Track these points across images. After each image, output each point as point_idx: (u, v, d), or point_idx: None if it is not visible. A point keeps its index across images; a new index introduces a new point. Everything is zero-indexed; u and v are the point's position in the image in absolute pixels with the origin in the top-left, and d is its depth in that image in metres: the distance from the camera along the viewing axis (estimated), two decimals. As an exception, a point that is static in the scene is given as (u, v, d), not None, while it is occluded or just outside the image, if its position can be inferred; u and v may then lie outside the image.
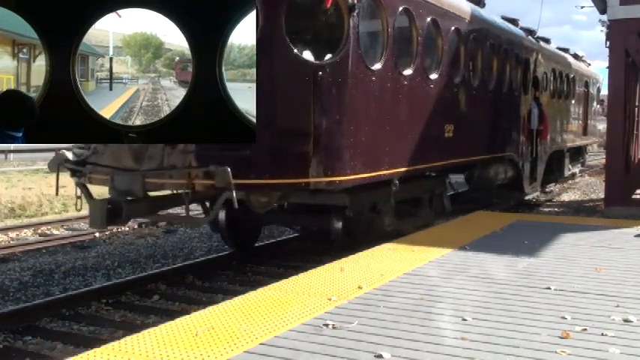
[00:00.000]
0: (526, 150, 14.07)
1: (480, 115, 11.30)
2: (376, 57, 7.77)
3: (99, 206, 6.86)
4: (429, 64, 9.11)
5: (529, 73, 14.18)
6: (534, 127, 14.25)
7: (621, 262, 6.28)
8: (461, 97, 10.29)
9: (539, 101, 14.57)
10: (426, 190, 9.94)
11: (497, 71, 11.98)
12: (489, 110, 11.81)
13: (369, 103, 7.54)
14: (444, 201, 10.51)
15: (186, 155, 6.77)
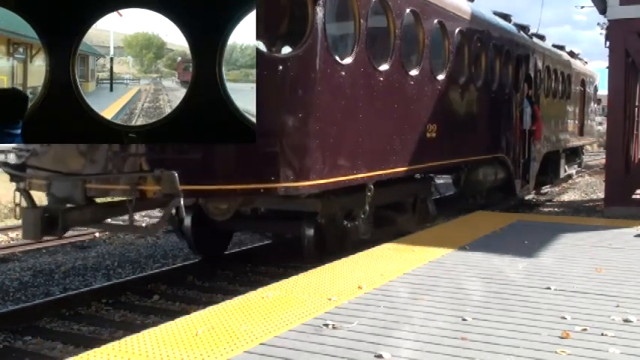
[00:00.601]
0: (518, 151, 13.50)
1: (467, 115, 10.71)
2: (347, 50, 7.22)
3: (32, 215, 6.12)
4: (408, 60, 8.52)
5: (521, 71, 13.60)
6: (527, 127, 13.69)
7: (621, 262, 6.28)
8: (445, 95, 9.66)
9: (532, 100, 14.02)
10: (408, 194, 9.48)
11: (486, 68, 11.37)
12: (477, 109, 11.19)
13: (338, 101, 6.95)
14: (429, 205, 10.04)
15: (135, 158, 6.12)
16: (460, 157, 10.61)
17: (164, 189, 5.78)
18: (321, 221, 7.49)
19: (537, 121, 13.95)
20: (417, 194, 9.67)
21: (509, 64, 12.75)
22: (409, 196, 9.51)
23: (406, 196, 9.43)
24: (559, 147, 16.91)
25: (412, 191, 9.60)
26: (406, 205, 9.45)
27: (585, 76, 20.65)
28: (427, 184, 10.22)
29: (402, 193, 9.27)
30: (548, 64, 15.51)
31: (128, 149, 5.97)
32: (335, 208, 7.54)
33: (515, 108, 13.25)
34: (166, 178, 5.66)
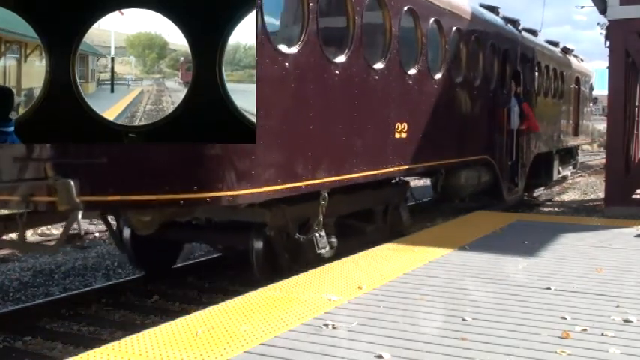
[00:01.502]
0: (505, 152, 12.51)
1: (444, 113, 9.60)
2: (293, 39, 6.25)
3: None
4: (372, 52, 7.54)
5: (508, 66, 12.64)
6: (514, 126, 12.73)
7: (621, 262, 6.28)
8: (418, 92, 8.71)
9: (521, 98, 13.08)
10: (378, 201, 8.57)
11: (467, 62, 10.37)
12: (457, 107, 10.20)
13: (281, 97, 6.01)
14: (402, 213, 9.07)
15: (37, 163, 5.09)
16: (436, 160, 9.52)
17: (59, 201, 4.92)
18: (270, 233, 6.64)
19: (529, 118, 13.06)
20: (388, 201, 8.82)
21: (494, 59, 11.78)
22: (379, 203, 8.63)
23: (376, 204, 8.55)
24: (552, 147, 16.09)
25: (383, 198, 8.69)
26: (376, 213, 8.60)
27: (580, 74, 19.70)
28: (401, 189, 9.31)
29: (371, 200, 8.37)
30: (539, 60, 14.64)
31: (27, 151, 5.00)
32: (286, 218, 6.69)
33: (502, 106, 12.36)
34: (61, 188, 4.78)
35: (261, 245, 6.67)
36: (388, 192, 8.83)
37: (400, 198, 9.20)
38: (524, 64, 13.63)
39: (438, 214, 12.02)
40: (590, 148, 47.06)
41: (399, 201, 9.13)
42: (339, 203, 7.38)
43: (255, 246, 6.66)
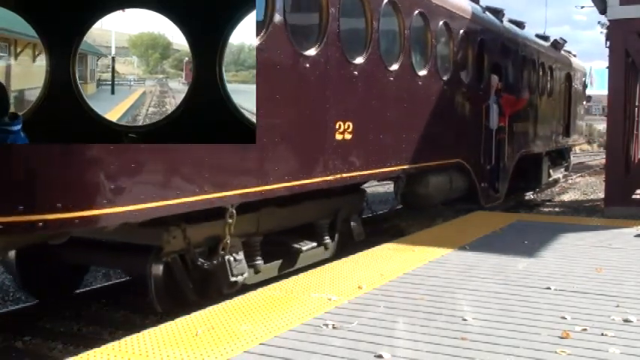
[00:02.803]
0: (483, 154, 11.20)
1: (403, 111, 8.30)
2: None
3: None
4: (299, 35, 6.29)
5: (487, 59, 11.28)
6: (494, 126, 11.36)
7: (621, 262, 6.29)
8: (367, 85, 7.38)
9: (501, 94, 11.66)
10: (322, 213, 7.38)
11: (432, 52, 9.01)
12: (420, 104, 8.85)
13: None
14: (353, 227, 7.92)
15: None
16: (393, 165, 8.14)
17: None
18: (167, 259, 5.56)
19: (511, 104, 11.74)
20: (336, 212, 7.63)
21: (468, 50, 10.46)
22: (324, 215, 7.43)
23: (319, 216, 7.36)
24: (540, 149, 14.85)
25: (328, 209, 7.48)
26: (319, 227, 7.39)
27: (572, 70, 18.24)
28: (353, 199, 8.04)
29: (312, 212, 7.17)
30: (523, 54, 13.37)
31: None
32: (189, 239, 5.57)
33: (479, 103, 11.02)
34: None
35: (161, 272, 5.55)
36: (336, 202, 7.59)
37: (352, 209, 7.97)
38: (507, 57, 12.42)
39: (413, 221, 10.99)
40: (590, 148, 47.15)
41: (350, 212, 7.91)
42: (268, 218, 6.32)
43: (154, 272, 5.50)
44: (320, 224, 7.39)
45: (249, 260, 6.18)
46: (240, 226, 5.87)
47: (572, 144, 19.27)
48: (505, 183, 12.35)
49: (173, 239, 5.47)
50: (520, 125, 12.90)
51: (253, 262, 6.25)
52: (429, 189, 9.44)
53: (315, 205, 7.17)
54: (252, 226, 6.23)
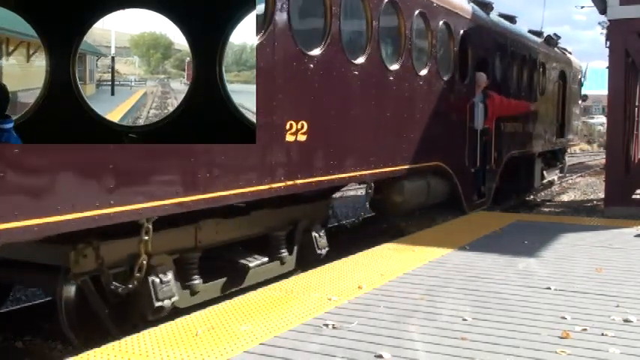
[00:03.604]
0: (466, 157, 10.33)
1: (372, 110, 7.45)
2: None
3: None
4: None
5: (471, 54, 10.36)
6: (479, 126, 10.44)
7: (621, 262, 6.29)
8: (325, 81, 6.49)
9: (488, 93, 10.75)
10: (279, 223, 6.54)
11: (405, 45, 8.08)
12: (393, 102, 7.95)
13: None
14: (316, 238, 6.99)
15: None
16: (360, 169, 7.23)
17: None
18: (77, 282, 4.80)
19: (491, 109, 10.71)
20: (296, 222, 6.80)
21: (449, 44, 9.54)
22: (280, 226, 6.57)
23: (274, 227, 6.50)
24: (532, 150, 14.02)
25: (286, 219, 6.65)
26: (275, 240, 6.52)
27: (567, 68, 17.20)
28: (316, 206, 7.16)
29: (264, 222, 6.37)
30: (513, 50, 12.49)
31: None
32: (101, 260, 4.77)
33: (463, 102, 10.14)
34: None
35: (73, 295, 4.89)
36: (295, 211, 6.77)
37: (314, 218, 7.09)
38: (495, 53, 11.56)
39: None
40: (590, 148, 47.17)
41: (312, 222, 7.03)
42: (209, 231, 5.60)
43: (64, 295, 4.84)
44: (275, 236, 6.52)
45: (185, 280, 5.38)
46: (172, 241, 5.23)
47: (566, 145, 18.26)
48: (492, 187, 11.52)
49: (83, 258, 4.67)
50: (509, 125, 12.13)
51: (190, 282, 5.42)
52: (404, 195, 8.48)
53: (269, 214, 6.40)
54: (187, 240, 5.44)
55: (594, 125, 54.93)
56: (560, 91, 16.66)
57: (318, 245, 7.04)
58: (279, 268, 6.50)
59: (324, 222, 7.54)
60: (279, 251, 6.52)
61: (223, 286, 5.85)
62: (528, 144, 13.74)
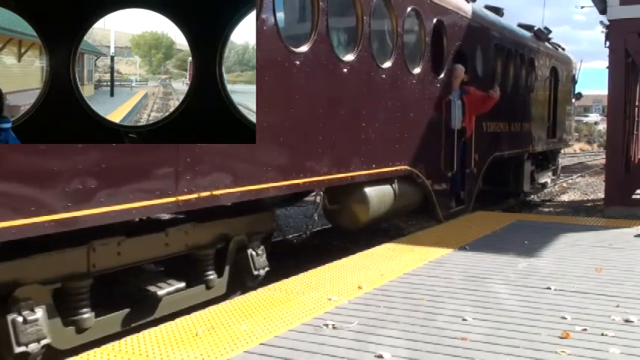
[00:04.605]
0: (442, 159, 9.34)
1: (320, 107, 6.45)
2: None
3: None
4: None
5: (447, 47, 9.30)
6: (456, 125, 9.43)
7: (621, 262, 6.29)
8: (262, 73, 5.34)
9: (466, 88, 9.76)
10: (205, 240, 5.61)
11: (365, 34, 7.06)
12: (348, 99, 6.93)
13: None
14: (253, 257, 6.07)
15: None
16: (305, 176, 6.25)
17: None
18: None
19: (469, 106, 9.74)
20: (228, 238, 5.88)
21: (420, 33, 8.54)
22: (207, 243, 5.63)
23: (199, 245, 5.55)
24: (520, 151, 13.06)
25: (214, 234, 5.72)
26: (201, 259, 5.61)
27: (559, 64, 16.03)
28: (254, 220, 6.18)
29: (186, 239, 5.42)
30: (497, 43, 11.53)
31: None
32: None
33: (438, 98, 9.12)
34: None
35: None
36: (226, 226, 5.84)
37: (252, 232, 6.13)
38: (475, 45, 10.51)
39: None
40: (590, 148, 47.18)
41: (250, 238, 6.09)
42: (108, 252, 4.67)
43: None
44: (200, 255, 5.57)
45: (70, 314, 4.46)
46: (52, 267, 4.31)
47: (559, 145, 17.10)
48: (473, 191, 10.52)
49: None
50: (492, 124, 11.19)
51: (76, 317, 4.47)
52: (365, 204, 7.44)
53: (193, 230, 5.48)
54: (76, 265, 4.47)
55: (587, 124, 54.94)
56: (552, 89, 15.61)
57: (255, 265, 6.06)
58: (205, 294, 5.60)
59: (265, 237, 6.45)
60: (204, 274, 5.60)
61: (125, 319, 4.89)
62: (515, 144, 12.71)
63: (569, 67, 17.39)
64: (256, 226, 6.24)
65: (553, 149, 16.39)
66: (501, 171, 12.47)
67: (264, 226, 6.40)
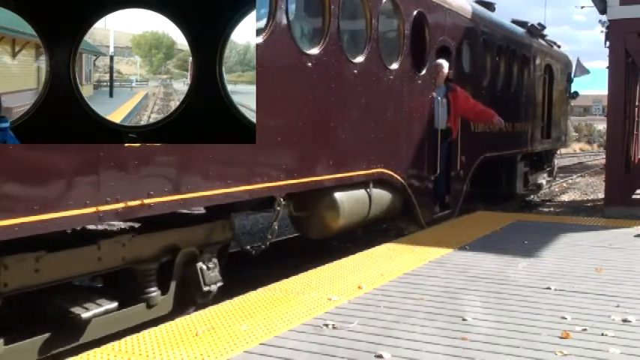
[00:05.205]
0: (425, 161, 8.72)
1: (276, 104, 5.75)
2: None
3: None
4: None
5: (429, 40, 8.69)
6: (440, 125, 8.89)
7: (621, 262, 6.29)
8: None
9: (451, 86, 9.22)
10: (147, 252, 5.00)
11: (333, 25, 6.43)
12: (314, 95, 6.29)
13: None
14: (203, 272, 5.48)
15: None
16: (261, 181, 5.63)
17: None
18: None
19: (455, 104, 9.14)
20: (175, 250, 5.27)
21: (399, 26, 7.90)
22: (149, 256, 5.03)
23: (139, 258, 4.94)
24: (511, 152, 12.57)
25: (158, 246, 5.11)
26: (140, 275, 5.01)
27: (554, 62, 15.43)
28: (205, 230, 5.58)
29: (123, 253, 4.80)
30: (485, 38, 10.92)
31: None
32: None
33: (419, 96, 8.49)
34: None
35: None
36: (171, 236, 5.23)
37: (203, 244, 5.54)
38: (460, 39, 9.84)
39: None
40: (591, 148, 47.19)
41: (202, 249, 5.52)
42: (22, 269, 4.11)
43: None
44: (140, 270, 4.98)
45: None
46: None
47: (554, 146, 16.54)
48: (459, 195, 9.95)
49: None
50: (481, 124, 10.57)
51: None
52: (335, 211, 6.81)
53: (131, 242, 4.86)
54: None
55: (581, 122, 54.94)
56: (546, 88, 15.01)
57: (205, 280, 5.48)
58: (145, 313, 5.01)
59: (222, 248, 5.93)
60: (144, 291, 5.01)
61: (44, 346, 4.30)
62: (506, 145, 12.12)
63: (564, 65, 16.78)
64: (210, 237, 5.63)
65: (548, 150, 15.89)
66: (494, 172, 12.07)
67: (220, 236, 5.77)
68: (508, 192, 13.10)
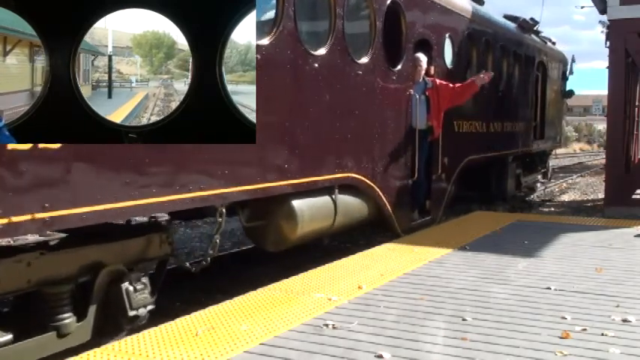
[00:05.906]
0: (402, 164, 8.09)
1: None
2: None
3: None
4: None
5: (405, 33, 7.99)
6: (420, 125, 8.24)
7: (621, 262, 6.29)
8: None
9: (433, 82, 8.50)
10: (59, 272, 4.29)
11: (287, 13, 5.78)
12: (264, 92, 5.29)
13: None
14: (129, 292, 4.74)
15: None
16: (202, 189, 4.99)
17: None
18: None
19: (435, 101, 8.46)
20: (96, 269, 4.56)
21: (369, 16, 7.27)
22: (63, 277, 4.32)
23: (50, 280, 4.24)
24: (500, 153, 11.88)
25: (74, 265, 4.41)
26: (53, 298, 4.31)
27: (546, 58, 14.75)
28: (136, 243, 4.92)
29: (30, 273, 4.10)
30: (470, 32, 10.19)
31: None
32: None
33: (394, 93, 7.84)
34: None
35: None
36: (90, 253, 4.55)
37: (131, 261, 4.85)
38: (442, 33, 9.16)
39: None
40: (591, 148, 47.20)
41: (131, 267, 4.85)
42: None
43: None
44: (49, 294, 4.28)
45: None
46: None
47: (548, 147, 15.83)
48: (441, 200, 9.30)
49: None
50: (466, 124, 9.97)
51: None
52: (294, 220, 6.19)
53: (40, 260, 4.17)
54: None
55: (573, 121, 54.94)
56: (539, 86, 14.34)
57: (132, 303, 4.72)
58: (56, 344, 4.28)
59: (158, 265, 5.37)
60: (54, 317, 4.30)
61: None
62: (494, 146, 11.47)
63: (559, 63, 16.02)
64: (144, 252, 4.94)
65: (542, 151, 15.26)
66: (482, 175, 11.51)
67: (155, 252, 5.08)
68: (498, 195, 12.45)
